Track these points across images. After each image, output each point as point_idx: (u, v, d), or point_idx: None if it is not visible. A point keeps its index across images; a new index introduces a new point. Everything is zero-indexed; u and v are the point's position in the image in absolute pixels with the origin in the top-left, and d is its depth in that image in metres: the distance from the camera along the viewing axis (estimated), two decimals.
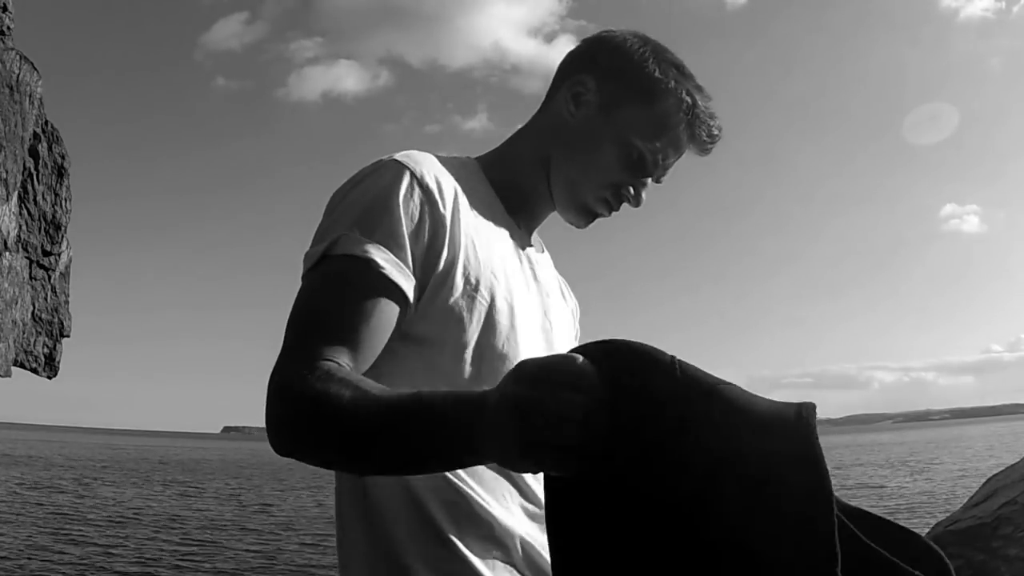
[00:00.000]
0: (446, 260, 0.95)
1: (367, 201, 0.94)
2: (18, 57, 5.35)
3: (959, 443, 53.58)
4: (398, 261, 0.91)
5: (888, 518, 0.79)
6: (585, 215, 1.10)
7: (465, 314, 0.96)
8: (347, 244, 0.91)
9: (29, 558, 10.82)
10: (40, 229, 6.31)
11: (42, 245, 6.33)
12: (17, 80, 5.32)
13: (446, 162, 1.03)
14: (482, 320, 0.97)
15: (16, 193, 5.70)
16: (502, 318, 0.99)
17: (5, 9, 5.26)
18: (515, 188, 1.10)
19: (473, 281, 0.97)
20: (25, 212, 5.86)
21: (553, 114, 1.10)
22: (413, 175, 0.96)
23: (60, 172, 6.12)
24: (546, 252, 1.20)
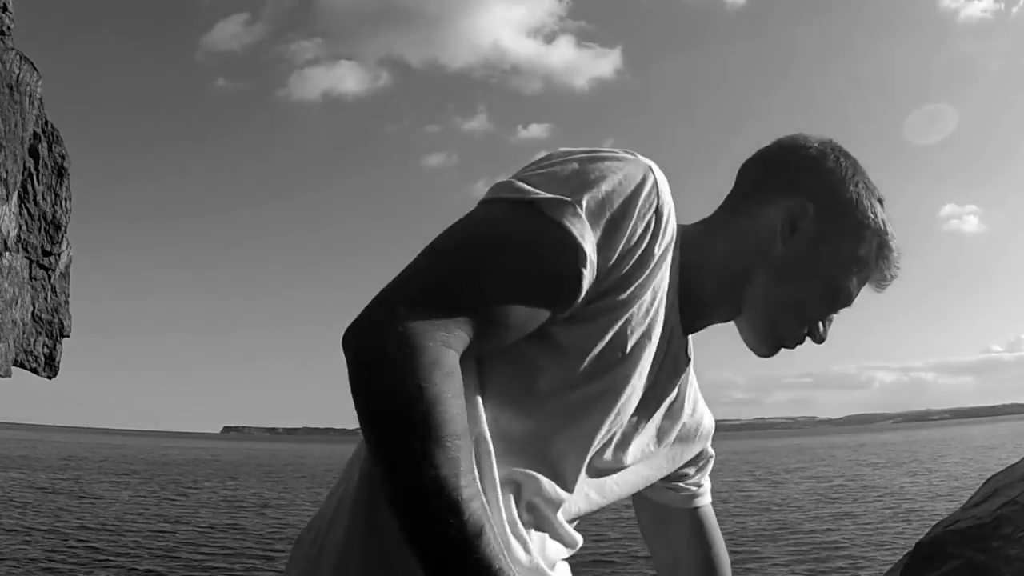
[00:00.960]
0: (628, 297, 0.88)
1: (609, 183, 0.84)
2: (18, 57, 5.35)
3: (959, 443, 53.60)
4: (595, 263, 0.83)
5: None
6: (774, 347, 1.05)
7: (597, 362, 0.89)
8: (568, 214, 0.81)
9: (28, 558, 10.82)
10: (40, 229, 6.31)
11: (42, 245, 6.34)
12: (17, 80, 5.32)
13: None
14: (607, 378, 0.91)
15: (16, 193, 5.70)
16: (621, 393, 0.93)
17: (5, 9, 5.26)
18: (699, 284, 1.01)
19: (629, 336, 0.90)
20: (25, 212, 5.86)
21: (760, 229, 1.02)
22: (657, 189, 0.88)
23: (60, 172, 6.12)
24: (692, 362, 1.10)
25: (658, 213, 0.87)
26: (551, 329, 0.86)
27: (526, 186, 0.83)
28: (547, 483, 0.92)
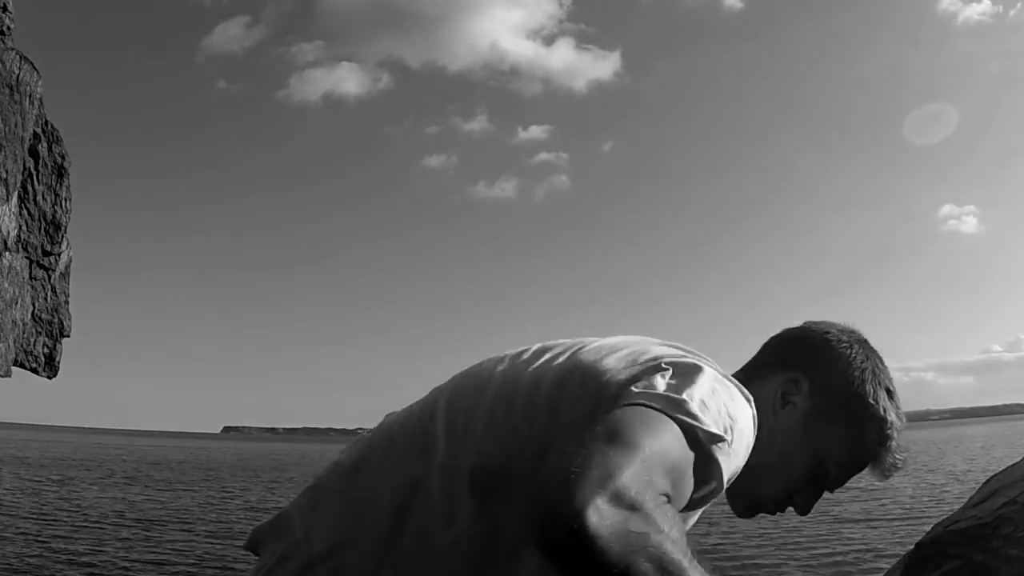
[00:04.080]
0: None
1: (744, 426, 0.93)
2: (18, 57, 5.36)
3: (959, 443, 53.62)
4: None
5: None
6: (750, 510, 1.10)
7: None
8: (723, 453, 0.89)
9: (27, 559, 10.82)
10: (40, 229, 6.30)
11: (42, 245, 6.33)
12: (17, 80, 5.33)
13: None
14: None
15: (16, 193, 5.70)
16: None
17: (5, 9, 5.26)
18: None
19: None
20: (25, 212, 5.86)
21: (758, 399, 1.05)
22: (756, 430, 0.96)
23: (60, 172, 6.12)
24: None
25: (749, 448, 0.95)
26: None
27: (696, 413, 0.88)
28: None
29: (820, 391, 1.05)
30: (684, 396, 0.89)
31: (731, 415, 0.92)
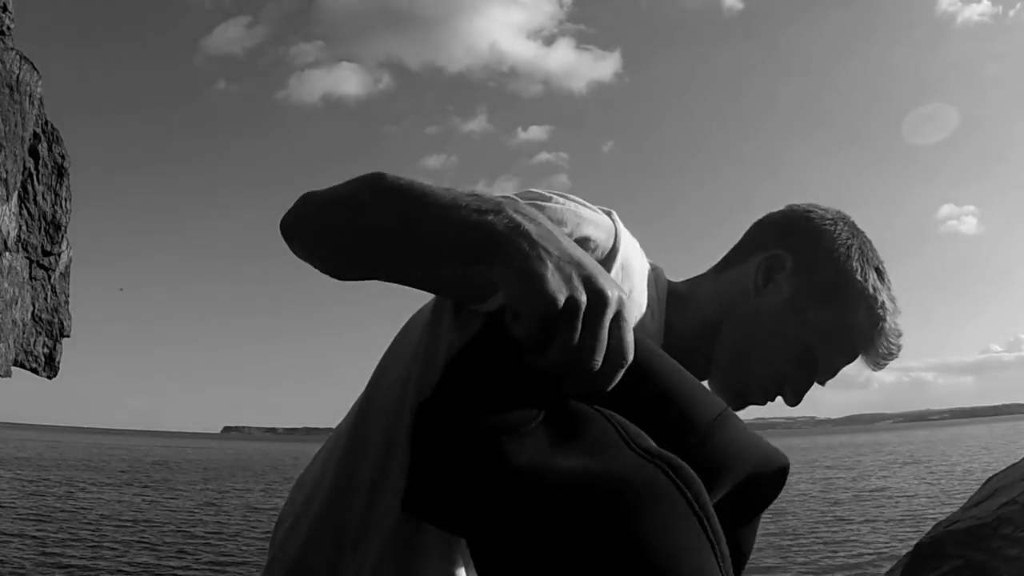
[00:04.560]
0: None
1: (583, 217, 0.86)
2: (18, 57, 5.35)
3: (959, 443, 53.59)
4: None
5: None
6: (739, 399, 1.01)
7: None
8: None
9: (26, 560, 10.82)
10: (40, 229, 6.31)
11: (42, 245, 6.34)
12: (17, 80, 5.33)
13: (646, 277, 0.96)
14: None
15: (16, 193, 5.70)
16: None
17: (5, 9, 5.26)
18: (679, 339, 0.98)
19: None
20: (25, 212, 5.86)
21: (738, 279, 1.02)
22: (625, 258, 0.88)
23: (60, 172, 6.12)
24: None
25: (609, 259, 0.86)
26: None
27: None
28: None
29: (804, 269, 0.98)
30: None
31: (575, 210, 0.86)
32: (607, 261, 0.85)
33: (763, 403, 1.01)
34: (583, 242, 0.83)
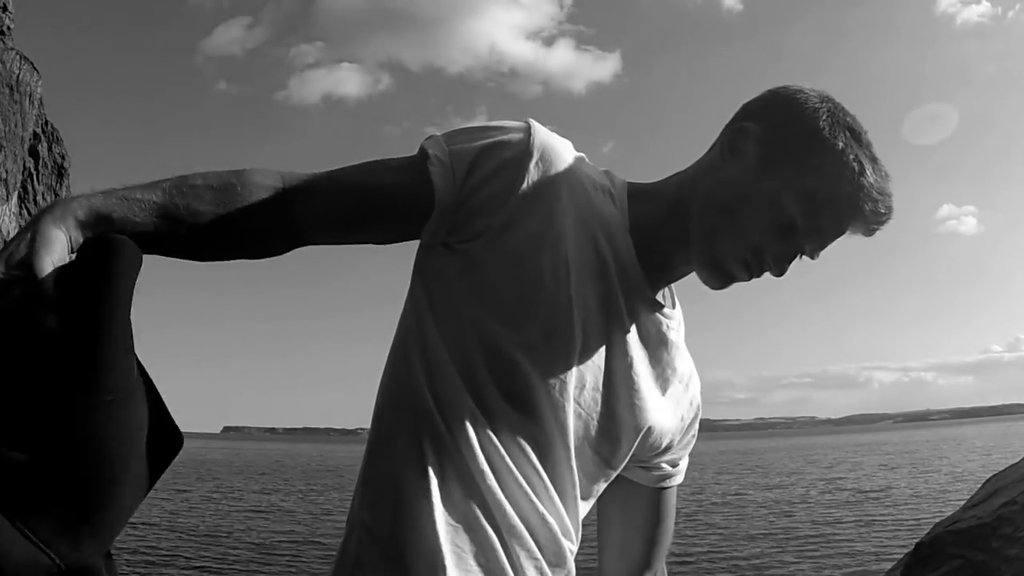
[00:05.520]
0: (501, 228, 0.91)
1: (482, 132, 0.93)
2: (18, 57, 5.35)
3: (959, 443, 53.57)
4: (451, 167, 0.91)
5: None
6: (720, 275, 0.95)
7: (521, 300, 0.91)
8: (433, 145, 0.94)
9: None
10: None
11: None
12: (17, 80, 5.33)
13: (587, 167, 0.97)
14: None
15: (16, 193, 5.70)
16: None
17: (5, 9, 5.26)
18: (652, 234, 0.96)
19: (535, 274, 0.90)
20: (25, 212, 5.86)
21: (706, 160, 0.99)
22: (531, 137, 0.92)
23: (60, 172, 6.12)
24: (677, 318, 1.03)
25: (525, 154, 0.90)
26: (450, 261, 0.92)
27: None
28: None
29: (772, 132, 0.92)
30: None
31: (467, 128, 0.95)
32: (523, 147, 0.91)
33: (747, 278, 0.95)
34: (495, 142, 0.91)
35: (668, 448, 1.07)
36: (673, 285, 1.05)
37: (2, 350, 0.68)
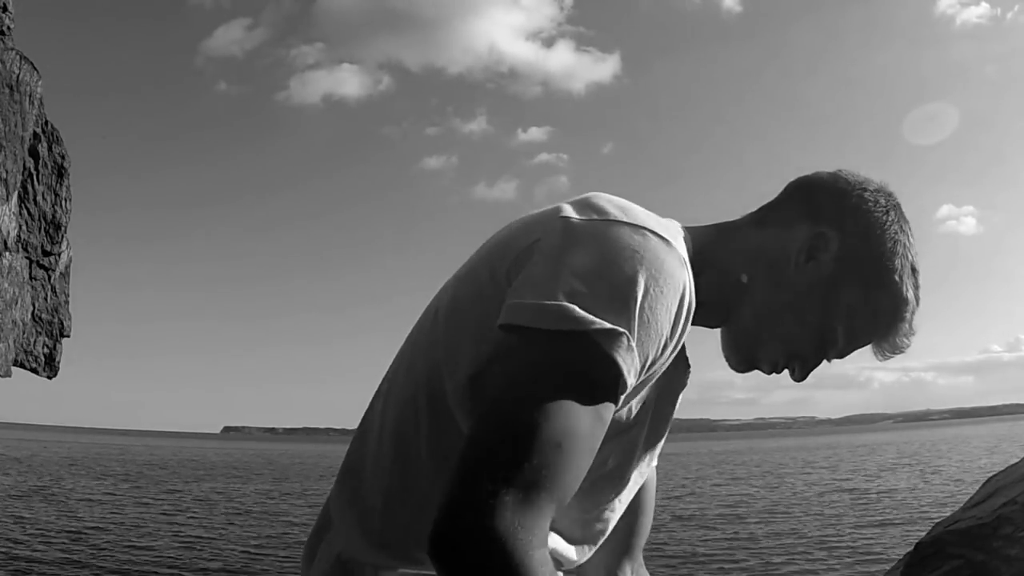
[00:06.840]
0: (647, 378, 0.86)
1: (654, 299, 0.78)
2: (18, 57, 5.35)
3: (959, 443, 53.61)
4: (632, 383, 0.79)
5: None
6: (747, 367, 0.99)
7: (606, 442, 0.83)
8: (619, 348, 0.75)
9: (23, 560, 10.82)
10: (40, 229, 6.31)
11: (42, 245, 6.33)
12: (17, 80, 5.32)
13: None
14: (617, 452, 0.95)
15: (16, 193, 5.70)
16: (632, 457, 0.98)
17: (5, 9, 5.26)
18: (708, 302, 0.92)
19: (633, 406, 0.92)
20: (25, 212, 5.86)
21: (777, 243, 0.96)
22: (687, 287, 0.82)
23: (60, 172, 6.12)
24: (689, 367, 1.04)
25: (689, 307, 0.83)
26: None
27: (576, 310, 0.75)
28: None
29: (849, 254, 0.94)
30: (558, 287, 0.77)
31: (633, 287, 0.77)
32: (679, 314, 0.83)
33: (768, 373, 0.98)
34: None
35: None
36: None
37: None
